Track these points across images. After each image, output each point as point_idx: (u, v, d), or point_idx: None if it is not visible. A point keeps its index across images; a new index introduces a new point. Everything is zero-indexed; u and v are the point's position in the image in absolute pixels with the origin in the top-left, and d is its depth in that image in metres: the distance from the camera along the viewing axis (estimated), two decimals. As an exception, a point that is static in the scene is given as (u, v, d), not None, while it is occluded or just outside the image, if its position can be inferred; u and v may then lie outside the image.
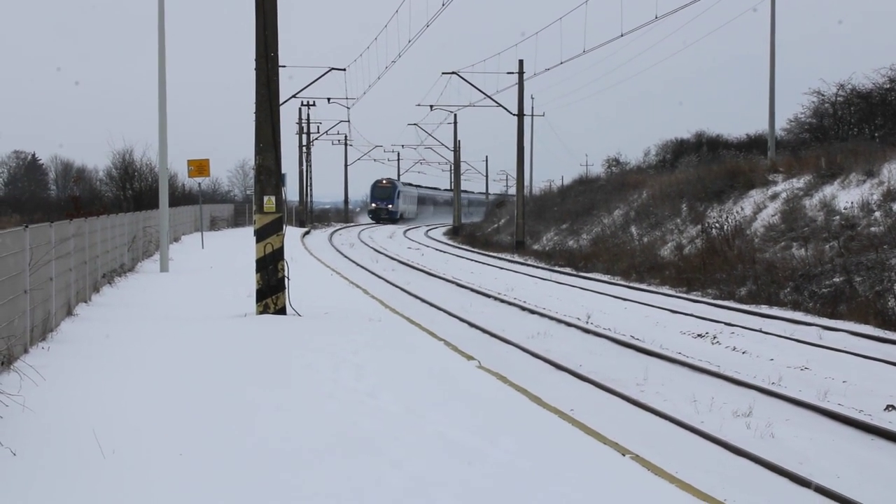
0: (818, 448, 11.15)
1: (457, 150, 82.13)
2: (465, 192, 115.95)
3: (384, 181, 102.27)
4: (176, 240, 44.78)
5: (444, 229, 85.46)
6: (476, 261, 43.71)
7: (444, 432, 9.72)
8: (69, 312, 18.07)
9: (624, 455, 9.34)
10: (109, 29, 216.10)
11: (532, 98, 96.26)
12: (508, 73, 53.16)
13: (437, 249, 53.84)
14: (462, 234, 71.34)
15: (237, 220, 71.61)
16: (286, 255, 19.05)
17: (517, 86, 52.95)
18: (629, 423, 12.08)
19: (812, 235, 28.24)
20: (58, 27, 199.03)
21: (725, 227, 32.38)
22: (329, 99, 66.89)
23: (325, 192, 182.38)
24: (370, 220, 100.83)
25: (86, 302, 20.24)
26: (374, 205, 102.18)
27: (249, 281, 20.32)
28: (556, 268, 38.87)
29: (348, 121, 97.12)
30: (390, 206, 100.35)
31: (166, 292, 22.71)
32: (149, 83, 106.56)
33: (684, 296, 27.59)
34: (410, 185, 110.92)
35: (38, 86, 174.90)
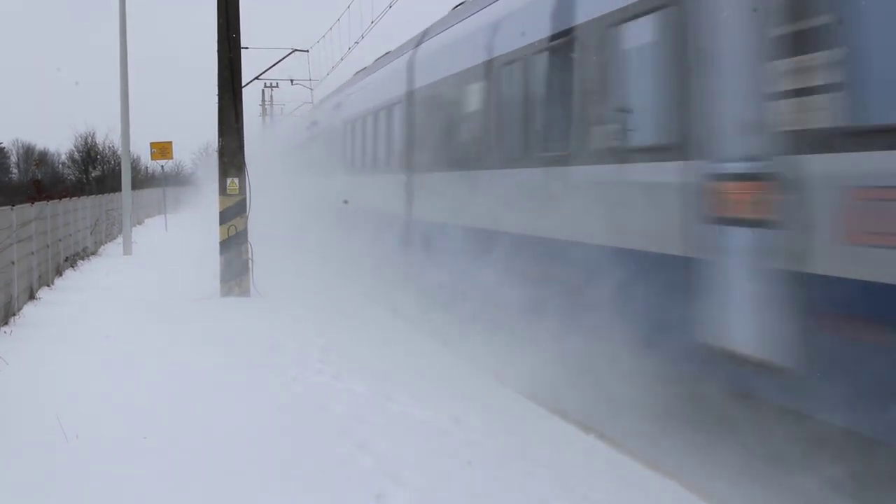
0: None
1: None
2: None
3: None
4: (139, 223, 44.51)
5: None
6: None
7: (411, 413, 9.74)
8: (32, 296, 17.96)
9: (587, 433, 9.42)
10: (64, 6, 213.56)
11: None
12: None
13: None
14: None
15: (201, 203, 71.26)
16: (249, 237, 18.99)
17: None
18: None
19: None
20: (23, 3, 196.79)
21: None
22: (292, 80, 66.26)
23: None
24: None
25: (49, 286, 20.11)
26: None
27: (213, 263, 20.23)
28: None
29: (312, 102, 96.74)
30: None
31: (130, 275, 22.59)
32: (110, 63, 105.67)
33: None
34: None
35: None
